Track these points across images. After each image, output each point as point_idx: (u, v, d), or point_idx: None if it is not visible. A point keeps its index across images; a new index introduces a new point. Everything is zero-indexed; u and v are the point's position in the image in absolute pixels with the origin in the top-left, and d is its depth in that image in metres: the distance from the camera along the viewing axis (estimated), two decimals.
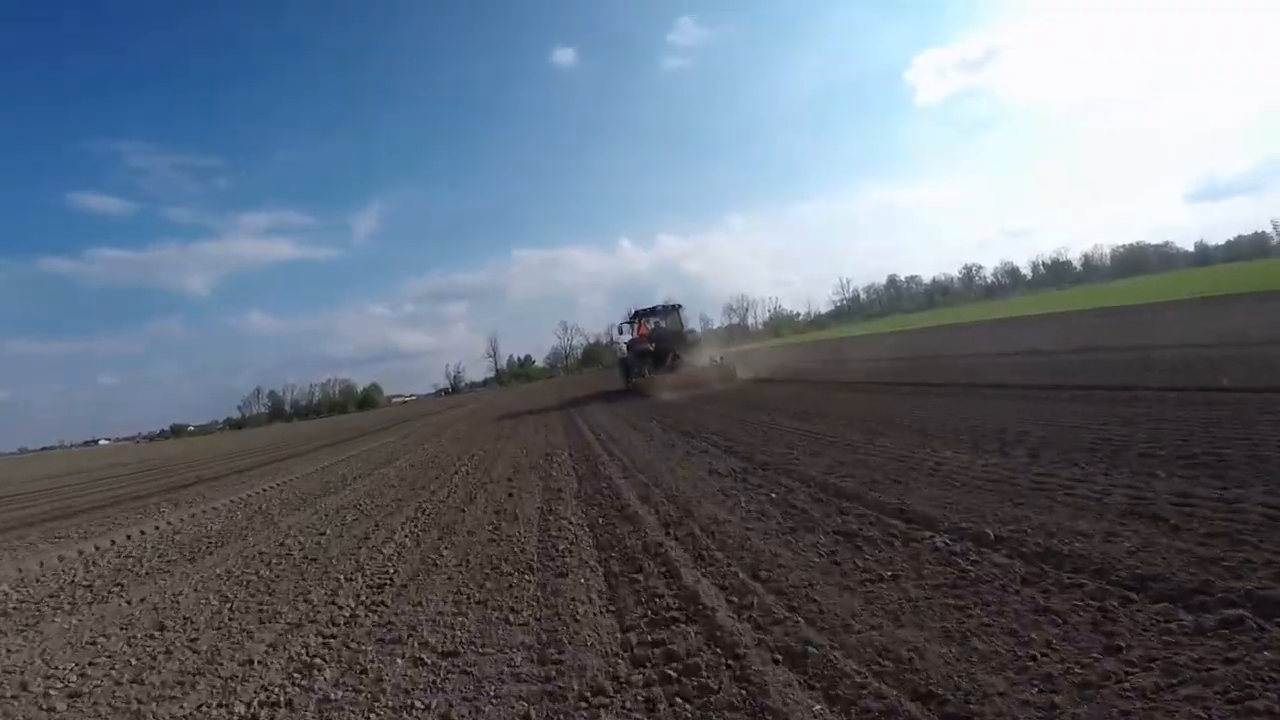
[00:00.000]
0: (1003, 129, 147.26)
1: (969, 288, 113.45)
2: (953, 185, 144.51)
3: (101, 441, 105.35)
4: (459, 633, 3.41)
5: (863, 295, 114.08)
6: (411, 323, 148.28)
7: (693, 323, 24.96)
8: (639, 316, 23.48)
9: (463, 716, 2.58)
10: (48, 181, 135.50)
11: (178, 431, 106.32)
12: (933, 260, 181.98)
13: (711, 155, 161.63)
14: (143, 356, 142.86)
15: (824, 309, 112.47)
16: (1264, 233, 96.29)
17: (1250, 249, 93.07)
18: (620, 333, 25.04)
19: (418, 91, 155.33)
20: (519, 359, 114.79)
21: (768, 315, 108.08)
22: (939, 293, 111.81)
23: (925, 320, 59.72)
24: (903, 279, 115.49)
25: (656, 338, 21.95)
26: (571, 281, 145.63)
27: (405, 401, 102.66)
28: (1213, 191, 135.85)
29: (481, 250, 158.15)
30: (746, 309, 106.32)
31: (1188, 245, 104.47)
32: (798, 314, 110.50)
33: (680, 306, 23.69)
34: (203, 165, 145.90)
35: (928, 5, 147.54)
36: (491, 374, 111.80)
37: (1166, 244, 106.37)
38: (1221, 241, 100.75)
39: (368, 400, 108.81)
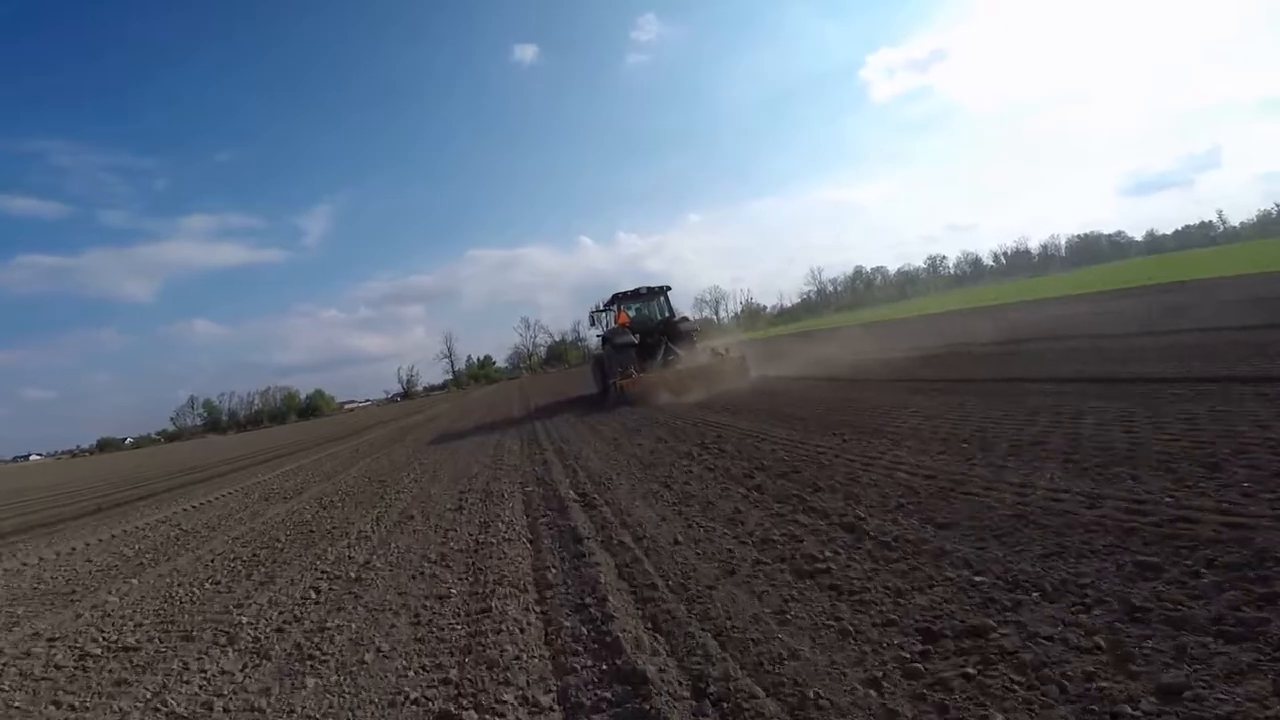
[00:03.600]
0: (947, 127, 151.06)
1: (934, 277, 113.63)
2: (900, 182, 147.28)
3: (33, 457, 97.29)
4: None
5: (829, 287, 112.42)
6: (367, 326, 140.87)
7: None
8: (619, 301, 18.71)
9: None
10: None
11: (104, 446, 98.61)
12: (877, 255, 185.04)
13: (671, 152, 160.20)
14: (80, 367, 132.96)
15: (790, 302, 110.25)
16: (1210, 222, 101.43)
17: (1198, 238, 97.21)
18: (593, 324, 19.85)
19: (370, 88, 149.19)
20: (478, 359, 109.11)
21: (739, 308, 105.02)
22: (907, 283, 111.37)
23: (902, 310, 56.90)
24: (868, 270, 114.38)
25: (642, 327, 17.58)
26: (532, 281, 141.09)
27: (353, 409, 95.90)
28: (1143, 186, 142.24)
29: (438, 251, 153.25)
30: (718, 302, 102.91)
31: (1136, 235, 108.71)
32: (765, 307, 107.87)
33: (668, 288, 19.16)
34: (138, 166, 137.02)
35: (882, 4, 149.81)
36: (449, 375, 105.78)
37: (1119, 234, 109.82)
38: (1170, 231, 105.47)
39: (312, 409, 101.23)
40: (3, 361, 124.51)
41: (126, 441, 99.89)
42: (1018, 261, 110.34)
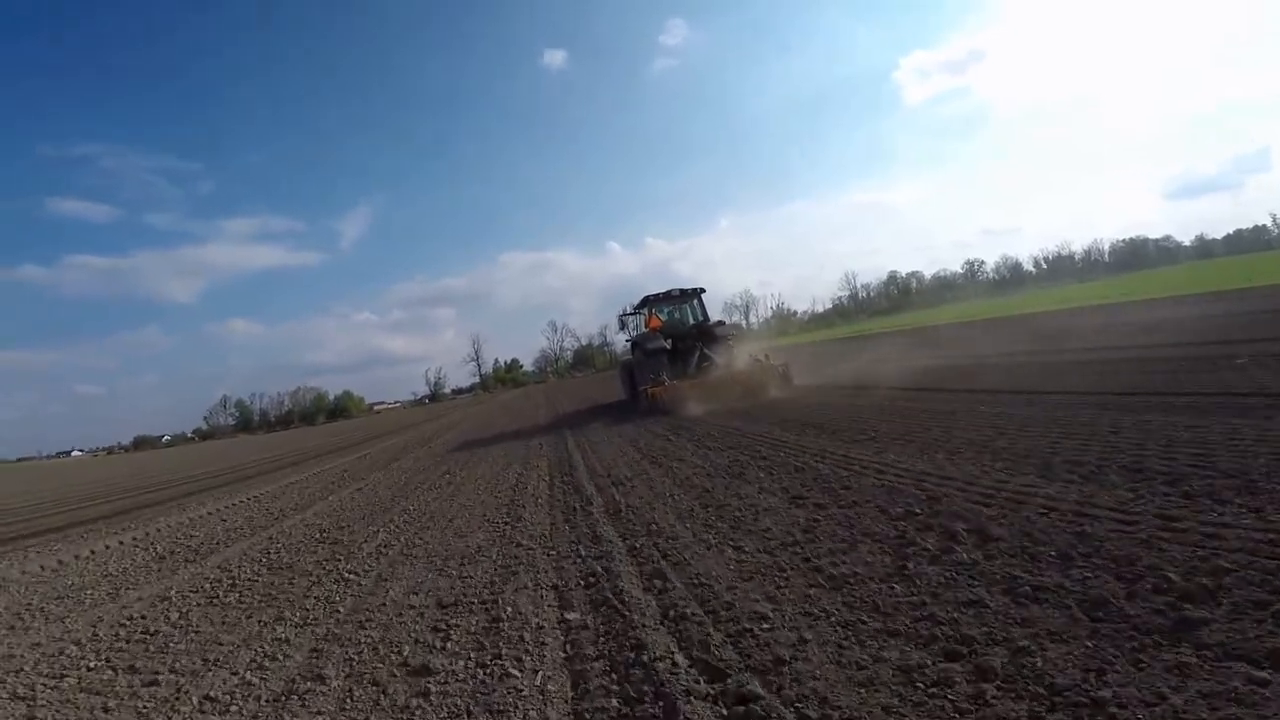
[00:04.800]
0: (982, 130, 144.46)
1: (972, 283, 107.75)
2: (933, 185, 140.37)
3: (74, 453, 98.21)
4: None
5: (862, 293, 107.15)
6: (399, 328, 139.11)
7: None
8: (650, 304, 17.29)
9: None
10: (20, 187, 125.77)
11: (140, 444, 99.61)
12: (909, 260, 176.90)
13: (700, 157, 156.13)
14: (124, 365, 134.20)
15: (822, 307, 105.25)
16: (1264, 226, 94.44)
17: (1251, 242, 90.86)
18: (622, 327, 18.70)
19: (405, 94, 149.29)
20: (505, 363, 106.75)
21: (770, 312, 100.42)
22: (945, 288, 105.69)
23: (942, 315, 52.06)
24: (903, 274, 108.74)
25: (674, 331, 16.21)
26: (560, 285, 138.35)
27: (379, 412, 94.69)
28: (1189, 189, 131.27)
29: (469, 254, 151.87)
30: (749, 306, 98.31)
31: (1184, 239, 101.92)
32: (795, 312, 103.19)
33: (702, 290, 17.65)
34: (183, 169, 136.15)
35: (916, 6, 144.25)
36: (476, 379, 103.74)
37: (1166, 238, 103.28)
38: (1219, 236, 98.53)
39: (340, 410, 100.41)
40: (56, 360, 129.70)
41: (164, 439, 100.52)
42: (1060, 266, 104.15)
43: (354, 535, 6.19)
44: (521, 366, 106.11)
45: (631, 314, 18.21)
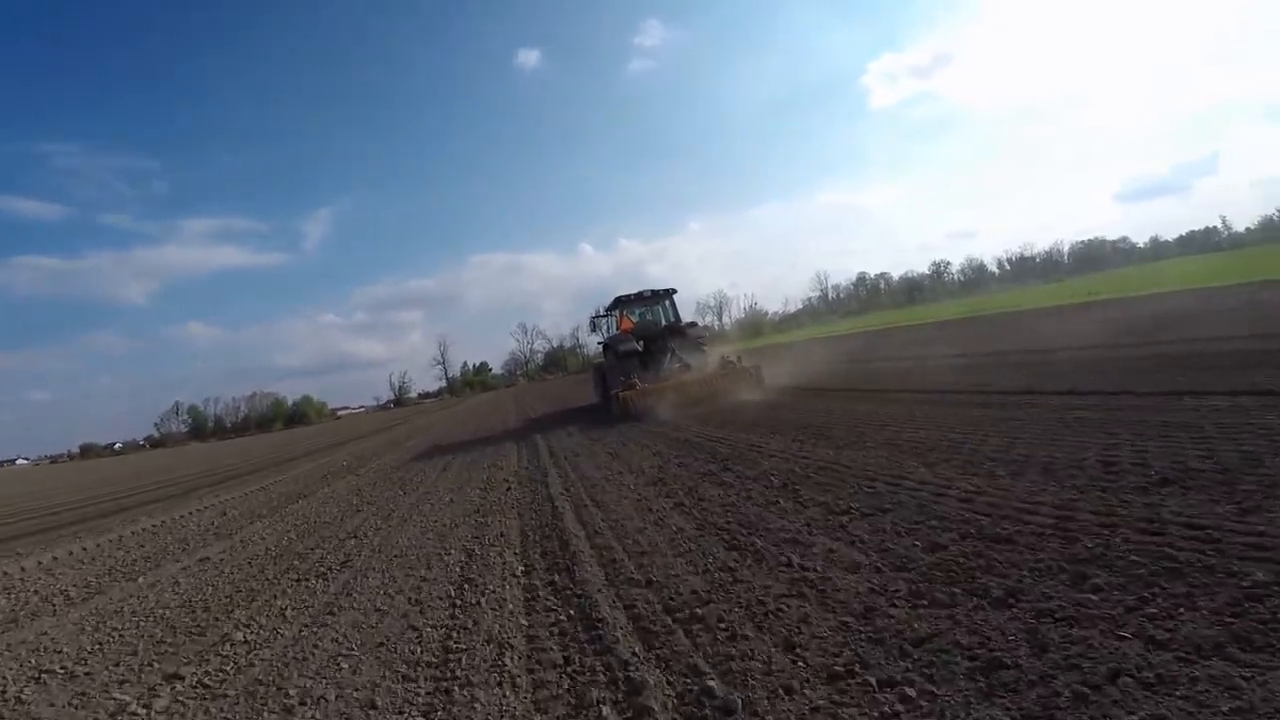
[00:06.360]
0: (948, 133, 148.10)
1: (940, 284, 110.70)
2: (900, 188, 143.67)
3: (19, 461, 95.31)
4: None
5: (831, 294, 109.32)
6: (364, 331, 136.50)
7: None
8: (621, 305, 17.09)
9: None
10: None
11: (86, 452, 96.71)
12: (876, 261, 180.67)
13: (673, 158, 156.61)
14: (80, 369, 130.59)
15: (794, 307, 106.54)
16: (1214, 227, 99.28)
17: (1202, 243, 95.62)
18: (594, 329, 18.56)
19: (374, 91, 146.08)
20: (474, 366, 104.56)
21: (743, 313, 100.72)
22: (913, 289, 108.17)
23: (921, 315, 52.31)
24: (872, 275, 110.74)
25: (646, 333, 15.96)
26: (531, 287, 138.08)
27: (340, 417, 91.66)
28: (1140, 193, 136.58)
29: (438, 256, 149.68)
30: (722, 307, 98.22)
31: (1138, 241, 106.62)
32: (767, 312, 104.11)
33: (674, 291, 17.52)
34: (139, 168, 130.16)
35: (886, 11, 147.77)
36: (443, 382, 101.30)
37: (1122, 239, 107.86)
38: (1173, 237, 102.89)
39: (299, 415, 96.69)
40: (6, 365, 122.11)
41: (116, 446, 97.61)
42: (1023, 268, 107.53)
43: None
44: (490, 369, 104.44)
45: (603, 315, 18.06)
